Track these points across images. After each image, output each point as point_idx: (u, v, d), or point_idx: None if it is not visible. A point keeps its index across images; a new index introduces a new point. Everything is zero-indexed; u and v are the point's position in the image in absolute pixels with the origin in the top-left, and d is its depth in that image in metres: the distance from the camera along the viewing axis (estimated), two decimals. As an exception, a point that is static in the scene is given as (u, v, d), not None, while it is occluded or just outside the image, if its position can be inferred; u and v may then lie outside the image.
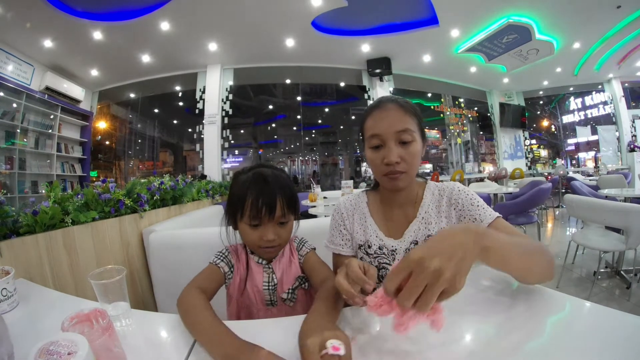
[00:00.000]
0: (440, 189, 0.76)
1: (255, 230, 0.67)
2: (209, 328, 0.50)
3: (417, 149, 0.69)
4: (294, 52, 5.12)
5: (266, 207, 0.64)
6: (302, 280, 0.74)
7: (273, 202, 0.65)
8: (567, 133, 8.65)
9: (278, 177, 0.69)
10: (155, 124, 6.96)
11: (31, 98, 4.24)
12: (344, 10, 4.02)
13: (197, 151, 5.46)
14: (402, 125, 0.67)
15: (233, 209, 0.69)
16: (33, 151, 4.33)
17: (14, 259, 0.87)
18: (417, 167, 0.70)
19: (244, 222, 0.67)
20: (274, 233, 0.67)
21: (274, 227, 0.67)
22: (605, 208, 1.85)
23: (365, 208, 0.80)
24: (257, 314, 0.72)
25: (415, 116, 0.70)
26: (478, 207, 0.69)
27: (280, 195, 0.66)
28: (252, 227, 0.67)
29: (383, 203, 0.79)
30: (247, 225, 0.67)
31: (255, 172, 0.69)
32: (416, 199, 0.75)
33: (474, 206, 0.69)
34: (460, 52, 5.42)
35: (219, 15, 3.95)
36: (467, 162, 7.69)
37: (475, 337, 0.48)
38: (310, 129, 8.19)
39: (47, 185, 1.17)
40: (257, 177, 0.67)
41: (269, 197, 0.65)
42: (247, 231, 0.68)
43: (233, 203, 0.69)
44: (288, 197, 0.68)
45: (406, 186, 0.71)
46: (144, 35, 4.25)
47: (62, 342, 0.34)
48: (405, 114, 0.68)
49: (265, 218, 0.65)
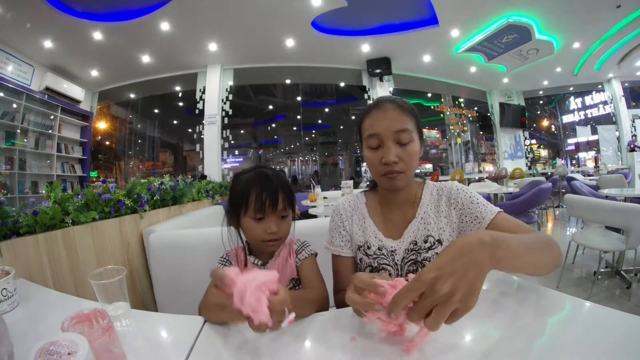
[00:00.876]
0: (438, 188, 0.76)
1: (260, 224, 0.70)
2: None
3: (415, 149, 0.69)
4: (294, 52, 5.12)
5: (270, 200, 0.69)
6: (296, 282, 0.76)
7: (276, 195, 0.70)
8: (567, 133, 8.65)
9: (278, 175, 0.75)
10: (155, 124, 6.96)
11: (31, 98, 4.24)
12: (344, 10, 4.02)
13: (197, 151, 5.46)
14: (400, 125, 0.67)
15: (236, 206, 0.72)
16: (33, 151, 4.33)
17: (14, 259, 0.87)
18: (415, 167, 0.70)
19: (248, 216, 0.71)
20: (276, 225, 0.71)
21: (276, 220, 0.71)
22: (605, 208, 1.85)
23: (364, 209, 0.80)
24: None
25: (413, 116, 0.70)
26: (478, 204, 0.69)
27: (282, 190, 0.71)
28: (257, 221, 0.70)
29: (382, 204, 0.79)
30: (251, 220, 0.71)
31: (257, 171, 0.74)
32: (415, 199, 0.75)
33: (473, 204, 0.69)
34: (460, 52, 5.42)
35: (219, 16, 3.95)
36: (467, 162, 7.69)
37: (476, 338, 0.48)
38: (310, 129, 8.20)
39: (47, 186, 1.16)
40: (260, 175, 0.73)
41: (272, 191, 0.70)
42: (251, 226, 0.71)
43: (236, 200, 0.72)
44: (288, 192, 0.73)
45: (404, 186, 0.71)
46: (144, 36, 4.26)
47: (62, 342, 0.34)
48: (403, 113, 0.68)
49: (269, 210, 0.70)
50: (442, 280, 0.37)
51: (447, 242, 0.71)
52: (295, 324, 0.55)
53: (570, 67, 6.46)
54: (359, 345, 0.47)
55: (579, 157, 8.53)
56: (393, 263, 0.72)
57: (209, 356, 0.48)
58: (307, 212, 3.12)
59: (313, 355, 0.48)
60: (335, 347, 0.47)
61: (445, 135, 7.55)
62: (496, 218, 0.66)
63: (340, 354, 0.45)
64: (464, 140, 7.67)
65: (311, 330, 0.54)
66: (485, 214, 0.67)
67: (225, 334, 0.54)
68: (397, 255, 0.72)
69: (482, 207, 0.68)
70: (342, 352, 0.46)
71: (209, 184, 3.03)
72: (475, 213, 0.68)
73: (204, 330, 0.55)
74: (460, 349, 0.44)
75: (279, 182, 0.72)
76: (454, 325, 0.38)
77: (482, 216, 0.67)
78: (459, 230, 0.71)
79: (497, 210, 0.67)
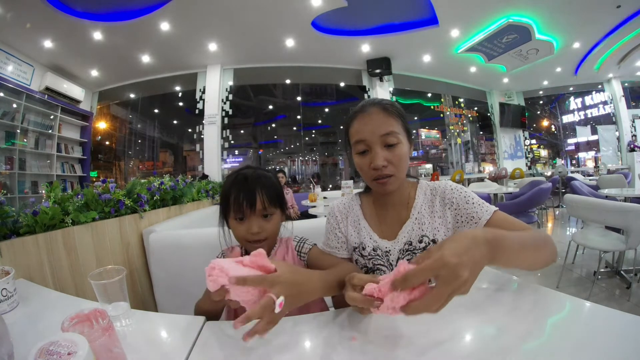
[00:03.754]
0: (432, 188, 0.75)
1: (242, 224, 0.72)
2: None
3: (404, 151, 0.68)
4: (294, 52, 5.12)
5: (247, 201, 0.70)
6: None
7: (252, 196, 0.71)
8: (567, 133, 8.65)
9: (259, 175, 0.75)
10: (155, 124, 6.96)
11: (31, 98, 4.24)
12: (344, 10, 4.02)
13: (197, 151, 5.46)
14: (386, 129, 0.67)
15: (223, 208, 0.76)
16: (33, 151, 4.33)
17: (14, 259, 0.87)
18: (405, 168, 0.70)
19: (232, 217, 0.73)
20: (258, 226, 0.71)
21: (257, 220, 0.72)
22: (605, 208, 1.85)
23: (358, 211, 0.80)
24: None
25: (399, 117, 0.69)
26: (474, 204, 0.68)
27: (260, 190, 0.71)
28: (239, 222, 0.73)
29: (375, 205, 0.79)
30: (234, 220, 0.73)
31: (238, 172, 0.76)
32: (408, 199, 0.75)
33: (469, 204, 0.68)
34: (460, 52, 5.42)
35: (219, 15, 3.95)
36: (467, 162, 7.69)
37: (476, 337, 0.48)
38: (310, 129, 8.19)
39: (47, 186, 1.16)
40: (238, 177, 0.75)
41: (248, 191, 0.71)
42: (235, 226, 0.73)
43: (222, 201, 0.76)
44: (268, 191, 0.72)
45: (396, 189, 0.72)
46: (144, 36, 4.25)
47: (62, 342, 0.34)
48: (388, 116, 0.68)
49: (247, 211, 0.71)
50: (464, 267, 0.38)
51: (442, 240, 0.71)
52: (295, 324, 0.55)
53: (570, 67, 6.46)
54: (359, 345, 0.47)
55: (579, 157, 8.52)
56: (388, 264, 0.72)
57: (209, 356, 0.48)
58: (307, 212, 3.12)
59: (313, 355, 0.47)
60: (335, 347, 0.47)
61: (445, 135, 7.55)
62: (493, 218, 0.65)
63: (340, 354, 0.45)
64: (464, 140, 7.67)
65: (311, 330, 0.54)
66: (481, 214, 0.66)
67: (225, 334, 0.54)
68: (392, 255, 0.72)
69: (478, 207, 0.67)
70: (342, 352, 0.46)
71: (208, 184, 3.03)
72: (471, 213, 0.67)
73: (204, 330, 0.55)
74: (460, 349, 0.44)
75: (258, 182, 0.72)
76: (454, 325, 0.38)
77: (479, 216, 0.66)
78: (454, 229, 0.71)
79: (494, 210, 0.66)
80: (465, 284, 0.39)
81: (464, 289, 0.39)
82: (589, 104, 7.85)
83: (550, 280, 2.24)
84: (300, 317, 0.58)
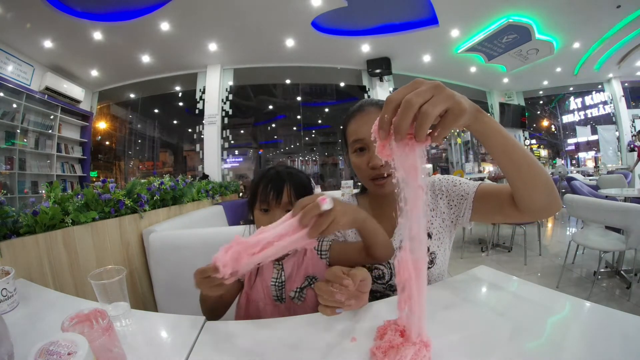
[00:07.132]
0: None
1: (265, 216, 0.70)
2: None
3: None
4: (294, 53, 5.11)
5: (274, 191, 0.69)
6: (311, 280, 0.74)
7: (280, 187, 0.69)
8: (567, 133, 8.65)
9: (290, 171, 0.74)
10: (155, 124, 6.96)
11: (31, 98, 4.24)
12: (344, 10, 4.02)
13: (197, 151, 5.46)
14: None
15: (250, 199, 0.74)
16: (33, 151, 4.33)
17: (14, 259, 0.87)
18: None
19: (257, 208, 0.72)
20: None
21: (281, 213, 0.69)
22: (605, 208, 1.85)
23: None
24: (264, 308, 0.73)
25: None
26: (461, 184, 0.71)
27: (288, 183, 0.70)
28: (263, 213, 0.71)
29: (372, 205, 0.81)
30: (259, 212, 0.72)
31: (272, 167, 0.76)
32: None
33: (456, 186, 0.72)
34: (460, 52, 5.41)
35: (219, 16, 3.95)
36: (467, 162, 7.69)
37: (476, 337, 0.48)
38: (310, 129, 8.19)
39: (47, 186, 1.16)
40: (270, 170, 0.74)
41: (277, 182, 0.70)
42: (259, 218, 0.72)
43: (250, 192, 0.75)
44: (297, 185, 0.71)
45: (393, 189, 0.71)
46: (144, 36, 4.25)
47: (62, 342, 0.34)
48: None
49: (272, 202, 0.69)
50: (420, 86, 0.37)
51: (437, 233, 0.74)
52: (295, 324, 0.55)
53: (570, 67, 6.46)
54: (359, 345, 0.47)
55: (578, 157, 8.52)
56: (385, 262, 0.73)
57: (209, 356, 0.48)
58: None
59: (313, 355, 0.47)
60: (334, 348, 0.47)
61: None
62: (479, 187, 0.68)
63: (340, 355, 0.45)
64: (464, 140, 7.67)
65: (311, 330, 0.54)
66: (468, 190, 0.69)
67: (225, 334, 0.54)
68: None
69: (465, 185, 0.71)
70: (342, 352, 0.46)
71: (209, 184, 3.03)
72: (460, 192, 0.70)
73: (204, 330, 0.55)
74: (460, 349, 0.44)
75: (288, 175, 0.72)
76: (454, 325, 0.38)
77: (466, 192, 0.69)
78: (450, 218, 0.73)
79: (479, 183, 0.70)
80: (441, 92, 0.37)
81: (443, 97, 0.37)
82: (589, 104, 7.85)
83: (550, 280, 2.24)
84: (300, 317, 0.58)
